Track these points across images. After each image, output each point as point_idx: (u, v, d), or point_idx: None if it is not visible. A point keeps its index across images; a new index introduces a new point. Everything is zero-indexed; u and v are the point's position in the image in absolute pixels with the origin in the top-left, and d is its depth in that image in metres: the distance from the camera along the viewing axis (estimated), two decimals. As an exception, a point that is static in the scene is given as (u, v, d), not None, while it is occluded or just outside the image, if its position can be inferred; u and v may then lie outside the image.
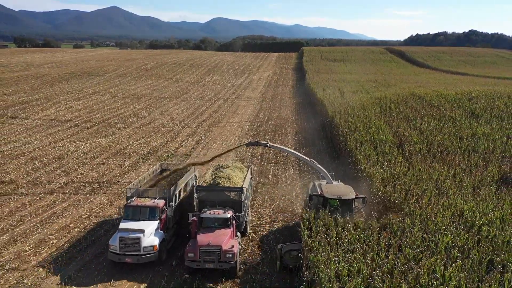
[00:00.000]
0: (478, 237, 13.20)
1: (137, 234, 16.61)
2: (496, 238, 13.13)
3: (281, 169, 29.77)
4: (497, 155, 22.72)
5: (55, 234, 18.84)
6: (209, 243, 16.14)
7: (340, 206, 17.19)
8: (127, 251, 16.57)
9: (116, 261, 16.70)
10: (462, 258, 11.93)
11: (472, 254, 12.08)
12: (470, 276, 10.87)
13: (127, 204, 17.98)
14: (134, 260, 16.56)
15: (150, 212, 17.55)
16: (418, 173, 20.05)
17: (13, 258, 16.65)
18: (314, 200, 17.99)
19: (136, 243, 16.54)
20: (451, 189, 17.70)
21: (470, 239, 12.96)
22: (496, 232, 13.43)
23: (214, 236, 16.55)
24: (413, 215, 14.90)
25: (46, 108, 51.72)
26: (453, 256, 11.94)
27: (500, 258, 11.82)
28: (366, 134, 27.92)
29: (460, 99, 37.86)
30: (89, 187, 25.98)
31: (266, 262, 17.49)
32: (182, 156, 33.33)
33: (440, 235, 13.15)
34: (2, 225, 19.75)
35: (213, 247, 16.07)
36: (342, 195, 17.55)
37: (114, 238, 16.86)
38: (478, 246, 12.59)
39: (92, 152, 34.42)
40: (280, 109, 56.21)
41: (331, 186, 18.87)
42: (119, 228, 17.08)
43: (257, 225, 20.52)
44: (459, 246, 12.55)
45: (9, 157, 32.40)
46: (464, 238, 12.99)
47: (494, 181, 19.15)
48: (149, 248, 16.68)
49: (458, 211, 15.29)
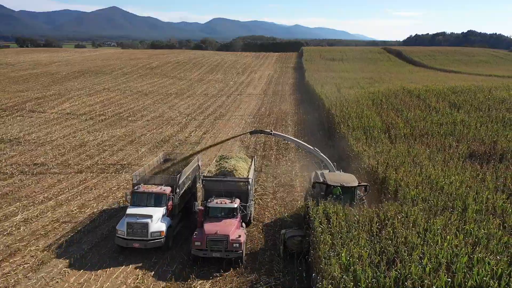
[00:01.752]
0: (439, 192, 16.72)
1: (144, 220, 16.79)
2: (454, 192, 16.62)
3: (282, 154, 33.25)
4: (469, 138, 26.19)
5: (92, 200, 22.32)
6: (216, 232, 16.19)
7: (342, 194, 17.32)
8: (135, 236, 16.76)
9: (123, 246, 16.93)
10: (424, 204, 15.45)
11: (431, 202, 15.62)
12: (429, 212, 14.44)
13: (134, 190, 18.15)
14: (141, 245, 16.79)
15: (157, 199, 17.72)
16: (399, 151, 23.52)
17: (64, 215, 20.21)
18: (317, 187, 18.22)
19: (143, 229, 16.75)
20: (424, 162, 21.18)
21: (432, 193, 16.49)
22: (454, 189, 16.93)
23: (221, 225, 16.59)
24: (391, 180, 18.42)
25: (60, 103, 55.07)
26: (415, 202, 15.53)
27: (453, 203, 15.47)
28: (358, 122, 31.36)
29: (445, 93, 41.37)
30: (112, 168, 29.40)
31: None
32: (192, 144, 36.77)
33: (408, 191, 16.66)
34: (45, 194, 23.23)
35: (221, 236, 16.12)
36: (345, 183, 17.70)
37: (122, 223, 17.10)
38: (437, 197, 16.14)
39: (109, 140, 37.81)
40: (280, 104, 59.64)
41: (334, 174, 19.19)
42: (126, 213, 17.36)
43: (262, 194, 23.96)
44: (422, 198, 16.07)
45: (36, 145, 35.75)
46: (427, 193, 16.51)
47: (463, 157, 22.62)
48: (156, 234, 16.86)
49: (427, 176, 18.79)
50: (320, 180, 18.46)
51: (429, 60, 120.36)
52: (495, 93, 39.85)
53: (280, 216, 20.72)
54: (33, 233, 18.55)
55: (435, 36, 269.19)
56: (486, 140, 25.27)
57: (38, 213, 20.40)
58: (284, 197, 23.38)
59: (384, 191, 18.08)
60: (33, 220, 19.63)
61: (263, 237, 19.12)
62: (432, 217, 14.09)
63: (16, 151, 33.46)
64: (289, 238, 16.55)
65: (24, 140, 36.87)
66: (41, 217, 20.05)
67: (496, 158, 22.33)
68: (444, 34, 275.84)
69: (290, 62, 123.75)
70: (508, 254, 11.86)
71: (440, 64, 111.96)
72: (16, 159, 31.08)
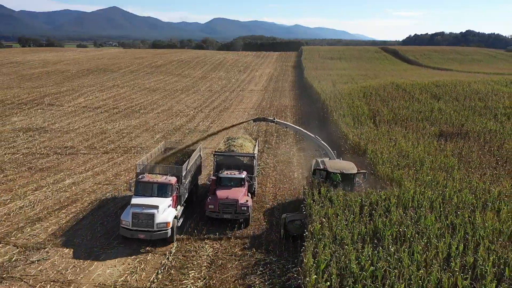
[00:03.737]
0: (405, 157, 21.06)
1: (151, 210, 16.42)
2: (416, 158, 21.07)
3: (282, 139, 37.58)
4: (442, 122, 30.54)
5: (123, 172, 26.62)
6: (227, 197, 18.59)
7: (342, 181, 17.90)
8: (140, 227, 16.41)
9: (128, 236, 16.62)
10: (391, 164, 19.89)
11: (397, 162, 19.98)
12: (394, 168, 18.90)
13: (139, 179, 17.84)
14: (147, 236, 16.42)
15: (162, 189, 17.42)
16: (380, 132, 27.82)
17: (103, 180, 24.56)
18: (318, 174, 18.80)
19: (149, 219, 16.37)
20: (399, 139, 25.49)
21: (399, 158, 20.85)
22: (417, 155, 21.32)
23: (231, 192, 19.04)
24: (369, 150, 22.78)
25: (75, 98, 59.27)
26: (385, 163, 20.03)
27: (413, 163, 20.02)
28: (348, 111, 35.67)
29: (429, 86, 45.71)
30: (134, 150, 33.67)
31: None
32: (200, 132, 41.01)
33: (381, 156, 21.06)
34: (82, 168, 27.55)
35: (231, 200, 18.53)
36: (345, 170, 18.29)
37: (127, 213, 16.71)
38: (402, 159, 20.52)
39: (126, 129, 42.04)
40: (280, 98, 63.94)
41: (334, 162, 19.87)
42: (131, 203, 16.96)
43: (264, 167, 28.28)
44: (390, 159, 20.56)
45: (61, 132, 39.95)
46: (396, 159, 20.90)
47: (433, 136, 26.97)
48: (162, 225, 16.49)
49: (399, 148, 23.11)
50: (320, 167, 19.09)
51: (424, 59, 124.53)
52: (473, 86, 44.21)
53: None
54: (83, 191, 23.05)
55: (434, 36, 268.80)
56: (455, 123, 29.59)
57: (82, 179, 24.81)
58: (283, 169, 27.76)
59: (364, 159, 22.40)
60: (79, 184, 24.02)
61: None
62: (396, 171, 18.48)
63: (45, 137, 37.68)
64: (289, 222, 16.89)
65: (50, 129, 41.07)
66: (85, 182, 24.46)
67: (461, 136, 26.64)
68: (443, 34, 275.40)
69: (290, 61, 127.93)
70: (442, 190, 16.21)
71: (434, 62, 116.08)
72: (47, 144, 35.31)
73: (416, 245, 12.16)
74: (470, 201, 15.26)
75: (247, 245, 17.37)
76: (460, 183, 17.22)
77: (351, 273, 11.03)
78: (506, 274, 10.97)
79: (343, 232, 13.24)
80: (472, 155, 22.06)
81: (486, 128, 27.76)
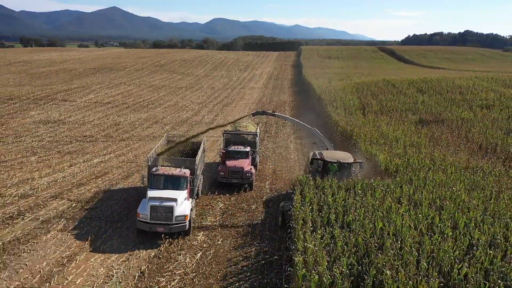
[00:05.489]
0: (385, 139, 24.83)
1: (170, 203, 16.34)
2: (392, 138, 24.84)
3: (280, 129, 41.35)
4: (423, 111, 34.33)
5: (141, 154, 30.32)
6: (235, 165, 22.78)
7: (338, 170, 18.56)
8: (159, 220, 16.30)
9: (146, 230, 16.51)
10: (371, 142, 23.64)
11: (377, 140, 23.82)
12: (373, 144, 22.75)
13: (153, 172, 17.84)
14: (166, 229, 16.35)
15: (177, 181, 17.45)
16: (367, 120, 31.55)
17: (126, 160, 28.35)
18: (315, 164, 19.63)
19: (168, 212, 16.30)
20: (383, 125, 29.24)
21: (383, 140, 24.69)
22: (394, 136, 25.07)
23: (238, 162, 23.15)
24: (354, 133, 26.59)
25: (86, 94, 62.88)
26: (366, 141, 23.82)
27: (390, 141, 23.77)
28: (341, 103, 39.39)
29: (417, 82, 49.50)
30: (147, 138, 37.35)
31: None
32: (206, 124, 44.70)
33: (364, 136, 24.84)
34: (105, 151, 31.27)
35: (238, 168, 22.70)
36: (341, 160, 18.98)
37: (144, 207, 16.55)
38: (381, 139, 24.34)
39: (137, 121, 45.68)
40: (279, 95, 67.70)
41: (331, 152, 20.75)
42: (149, 196, 16.81)
43: (265, 150, 32.06)
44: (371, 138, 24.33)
45: (78, 124, 43.58)
46: (380, 142, 24.66)
47: (413, 123, 30.75)
48: (181, 218, 16.47)
49: (381, 132, 26.88)
50: (317, 157, 19.82)
51: (419, 58, 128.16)
52: (456, 82, 47.98)
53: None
54: (111, 167, 26.93)
55: (432, 36, 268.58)
56: (434, 113, 33.34)
57: (107, 159, 28.58)
58: (281, 152, 31.51)
59: (350, 140, 26.16)
60: (106, 162, 27.84)
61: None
62: (376, 149, 22.27)
63: (64, 128, 41.32)
64: (286, 211, 17.14)
65: (67, 121, 44.69)
66: (110, 161, 28.28)
67: (437, 123, 30.40)
68: (441, 34, 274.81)
69: (289, 60, 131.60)
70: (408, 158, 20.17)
71: (429, 62, 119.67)
72: (67, 133, 38.94)
73: (380, 191, 16.07)
74: (428, 165, 19.06)
75: (251, 202, 21.31)
76: (425, 155, 21.02)
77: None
78: (443, 206, 14.69)
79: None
80: (442, 137, 25.88)
81: (459, 117, 31.51)
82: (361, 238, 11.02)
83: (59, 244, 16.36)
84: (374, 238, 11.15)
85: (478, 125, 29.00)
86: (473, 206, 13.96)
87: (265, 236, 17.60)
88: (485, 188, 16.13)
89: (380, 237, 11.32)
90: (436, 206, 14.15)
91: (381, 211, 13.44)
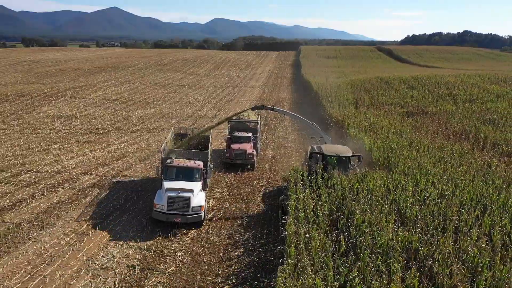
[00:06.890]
0: (372, 127, 27.84)
1: (187, 194, 16.77)
2: (379, 127, 27.82)
3: (279, 123, 44.30)
4: (410, 105, 37.32)
5: (152, 143, 33.29)
6: (239, 148, 26.14)
7: (337, 164, 18.71)
8: (176, 211, 16.74)
9: (163, 220, 16.91)
10: (359, 129, 26.63)
11: (365, 128, 26.81)
12: (361, 131, 25.74)
13: (168, 164, 18.36)
14: (183, 220, 16.80)
15: (191, 173, 17.96)
16: (359, 112, 34.52)
17: (139, 147, 31.31)
18: (314, 157, 19.89)
19: (185, 203, 16.72)
20: (372, 117, 32.21)
21: (368, 127, 27.66)
22: (381, 125, 28.06)
23: (241, 145, 26.48)
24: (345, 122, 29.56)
25: (94, 92, 65.77)
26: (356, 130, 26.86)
27: (380, 129, 26.78)
28: (336, 98, 42.36)
29: (408, 79, 52.50)
30: (156, 130, 40.30)
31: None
32: (210, 118, 47.67)
33: (354, 125, 27.81)
34: (119, 141, 34.22)
35: (241, 150, 25.99)
36: (340, 153, 19.25)
37: (160, 197, 17.04)
38: (369, 127, 27.32)
39: (145, 116, 48.61)
40: (279, 92, 70.69)
41: (330, 146, 21.15)
42: (166, 187, 17.26)
43: (265, 139, 35.03)
44: (360, 126, 27.29)
45: (89, 118, 46.51)
46: (367, 130, 27.63)
47: (401, 115, 33.74)
48: (197, 208, 16.88)
49: (370, 122, 29.85)
50: (316, 151, 20.09)
51: (415, 58, 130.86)
52: (445, 79, 50.98)
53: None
54: (128, 152, 29.98)
55: (432, 36, 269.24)
56: (421, 106, 36.33)
57: (123, 146, 31.57)
58: (280, 141, 34.50)
59: (342, 129, 29.14)
60: (122, 149, 30.85)
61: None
62: (363, 134, 25.28)
63: (77, 122, 44.23)
64: (286, 205, 16.74)
65: (79, 116, 47.64)
66: (126, 148, 31.24)
67: (422, 115, 33.39)
68: (440, 34, 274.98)
69: (289, 60, 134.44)
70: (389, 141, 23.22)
71: (424, 61, 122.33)
72: (81, 126, 41.86)
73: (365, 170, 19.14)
74: (406, 146, 22.08)
75: (253, 179, 24.50)
76: (404, 139, 24.02)
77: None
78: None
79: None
80: (424, 126, 28.84)
81: (443, 109, 34.48)
82: (340, 193, 13.93)
83: (85, 213, 18.94)
84: (351, 193, 14.06)
85: (458, 116, 31.97)
86: (433, 173, 17.00)
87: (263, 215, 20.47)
88: (448, 162, 19.15)
89: (355, 193, 14.24)
90: (404, 173, 17.16)
91: (359, 176, 16.46)
